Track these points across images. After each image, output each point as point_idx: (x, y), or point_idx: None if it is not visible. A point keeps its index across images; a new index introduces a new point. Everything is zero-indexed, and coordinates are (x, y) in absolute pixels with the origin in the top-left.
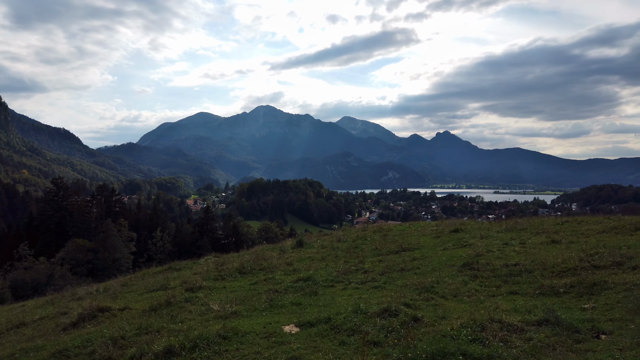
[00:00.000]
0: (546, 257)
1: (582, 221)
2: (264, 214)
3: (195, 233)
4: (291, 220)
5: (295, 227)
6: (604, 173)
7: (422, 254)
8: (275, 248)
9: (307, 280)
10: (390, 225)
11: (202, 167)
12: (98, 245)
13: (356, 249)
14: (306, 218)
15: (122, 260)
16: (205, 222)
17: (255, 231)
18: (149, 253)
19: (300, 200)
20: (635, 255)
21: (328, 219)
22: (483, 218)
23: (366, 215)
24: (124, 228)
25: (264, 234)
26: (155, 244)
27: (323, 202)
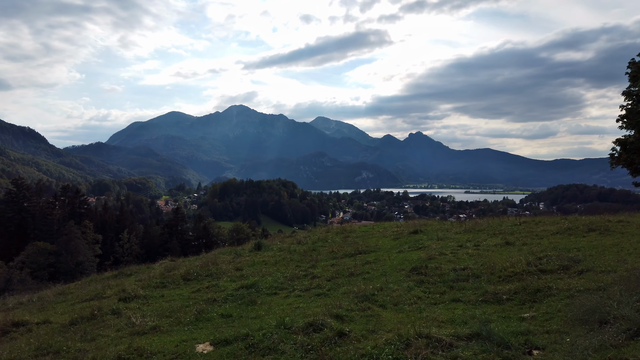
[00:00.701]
0: (496, 261)
1: (540, 222)
2: (237, 214)
3: (164, 235)
4: (265, 220)
5: (269, 227)
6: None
7: (376, 257)
8: (230, 251)
9: (250, 287)
10: (354, 227)
11: (173, 167)
12: (60, 248)
13: (314, 251)
14: (280, 218)
15: (86, 264)
16: (174, 223)
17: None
18: (116, 255)
19: (274, 200)
20: (583, 259)
21: (302, 219)
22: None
23: (340, 216)
24: (89, 230)
25: (235, 235)
26: (122, 246)
27: (297, 202)
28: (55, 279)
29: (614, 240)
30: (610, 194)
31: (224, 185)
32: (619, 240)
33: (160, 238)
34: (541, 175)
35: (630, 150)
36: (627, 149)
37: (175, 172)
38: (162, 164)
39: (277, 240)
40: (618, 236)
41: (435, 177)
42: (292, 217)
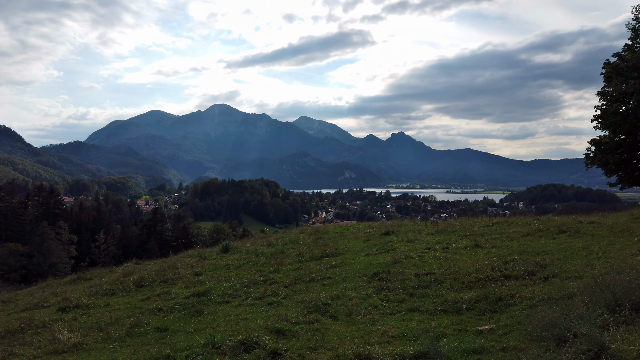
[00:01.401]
0: (462, 265)
1: (512, 222)
2: (219, 214)
3: (142, 235)
4: (247, 220)
5: (251, 227)
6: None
7: (342, 260)
8: (196, 254)
9: (202, 295)
10: (328, 227)
11: (154, 166)
12: (33, 250)
13: (281, 254)
14: (262, 218)
15: (60, 265)
16: (153, 223)
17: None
18: (92, 257)
19: (256, 200)
20: (550, 263)
21: (284, 219)
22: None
23: (322, 215)
24: (64, 231)
25: (215, 235)
26: (98, 247)
27: (279, 202)
28: (27, 281)
29: (584, 242)
30: (587, 193)
31: (205, 185)
32: (589, 242)
33: (138, 239)
34: (520, 175)
35: (604, 151)
36: (602, 149)
37: (156, 172)
38: (143, 164)
39: (247, 242)
40: (588, 238)
41: (417, 177)
42: (275, 217)
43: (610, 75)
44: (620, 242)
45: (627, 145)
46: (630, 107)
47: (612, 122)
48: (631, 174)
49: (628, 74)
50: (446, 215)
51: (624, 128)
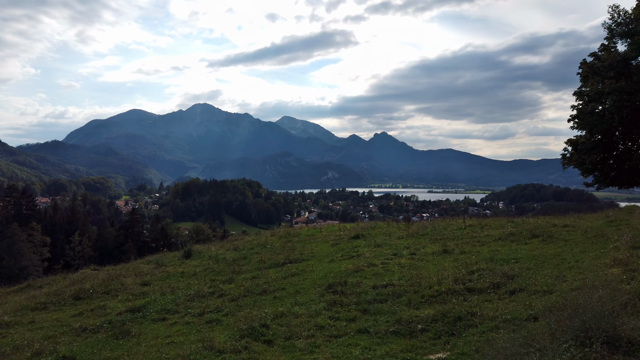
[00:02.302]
0: (425, 275)
1: (486, 225)
2: (200, 215)
3: (120, 236)
4: (229, 221)
5: (233, 227)
6: (527, 173)
7: (304, 268)
8: (153, 261)
9: (137, 310)
10: (301, 230)
11: (134, 166)
12: (2, 252)
13: (243, 260)
14: (244, 218)
15: (31, 268)
16: (130, 224)
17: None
18: (67, 259)
19: (238, 200)
20: (518, 274)
21: (267, 219)
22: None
23: (305, 215)
24: (37, 232)
25: (194, 236)
26: (73, 249)
27: (261, 202)
28: None
29: (556, 249)
30: (565, 193)
31: (186, 185)
32: (562, 249)
33: (114, 240)
34: (501, 175)
35: (581, 151)
36: (579, 149)
37: (137, 172)
38: (123, 163)
39: (214, 246)
40: (561, 244)
41: (399, 177)
42: (257, 217)
43: (586, 75)
44: (593, 250)
45: (603, 146)
46: (606, 107)
47: (589, 122)
48: (607, 175)
49: (604, 73)
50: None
51: (600, 128)
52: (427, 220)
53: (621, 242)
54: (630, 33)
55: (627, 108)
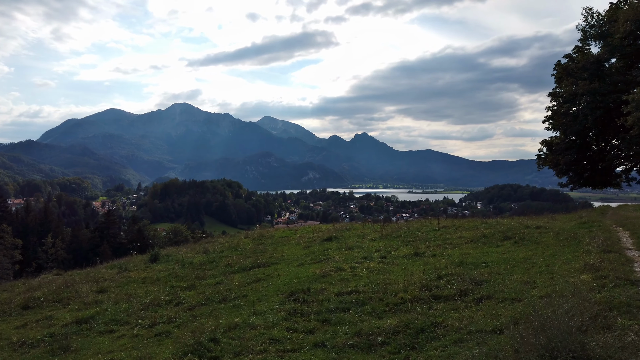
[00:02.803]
0: (393, 280)
1: (460, 226)
2: (179, 216)
3: (94, 238)
4: (209, 222)
5: (213, 228)
6: (505, 173)
7: (270, 273)
8: (117, 265)
9: (85, 321)
10: (275, 231)
11: (112, 166)
12: None
13: (211, 264)
14: (224, 219)
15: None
16: (106, 226)
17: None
18: (39, 262)
19: (218, 201)
20: (487, 279)
21: (247, 220)
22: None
23: (286, 216)
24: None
25: (172, 238)
26: (46, 251)
27: (242, 202)
28: None
29: (527, 252)
30: (541, 193)
31: (165, 185)
32: (533, 252)
33: (89, 242)
34: (479, 175)
35: (556, 152)
36: (553, 150)
37: (114, 172)
38: (100, 164)
39: (184, 248)
40: (533, 247)
41: (380, 177)
42: (237, 217)
43: (561, 77)
44: (565, 253)
45: (577, 147)
46: (580, 109)
47: (563, 123)
48: (581, 175)
49: (578, 75)
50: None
51: (575, 129)
52: (402, 222)
53: (592, 246)
54: (603, 35)
55: (601, 109)
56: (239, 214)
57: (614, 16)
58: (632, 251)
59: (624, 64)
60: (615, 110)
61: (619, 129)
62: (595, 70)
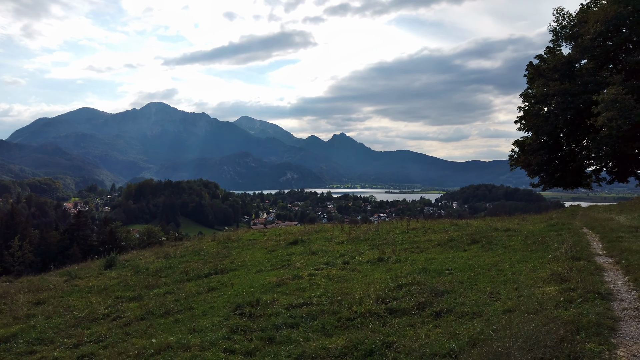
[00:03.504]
0: (351, 290)
1: (430, 228)
2: (155, 217)
3: (64, 240)
4: (185, 222)
5: (189, 229)
6: (480, 174)
7: (225, 281)
8: (65, 273)
9: (6, 341)
10: (244, 234)
11: (85, 167)
12: None
13: (168, 270)
14: (201, 220)
15: None
16: (76, 227)
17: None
18: (5, 265)
19: (194, 202)
20: (449, 289)
21: (224, 221)
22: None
23: (264, 216)
24: None
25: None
26: (12, 254)
27: (219, 203)
28: None
29: (494, 257)
30: (515, 193)
31: (140, 186)
32: (500, 257)
33: (58, 245)
34: (455, 175)
35: (528, 152)
36: (525, 150)
37: (87, 172)
38: (72, 164)
39: (146, 252)
40: (500, 251)
41: (357, 178)
42: (214, 218)
43: (532, 77)
44: (532, 259)
45: (549, 147)
46: (551, 109)
47: (535, 123)
48: (552, 175)
49: (549, 75)
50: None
51: (546, 129)
52: (375, 223)
53: (561, 252)
54: (574, 36)
55: (571, 110)
56: (216, 214)
57: (584, 17)
58: (601, 257)
59: (594, 65)
60: (585, 111)
61: (590, 129)
62: (566, 71)
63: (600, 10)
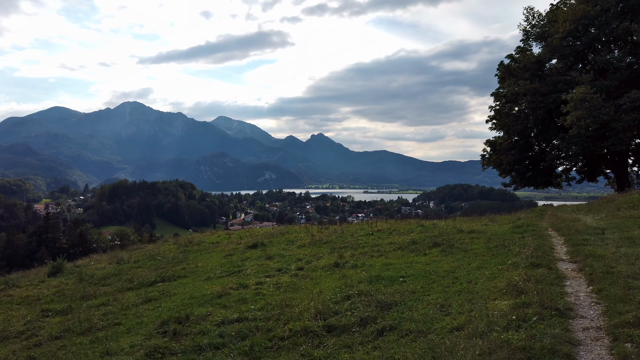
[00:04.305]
0: (295, 302)
1: (395, 230)
2: (129, 218)
3: (32, 243)
4: (160, 224)
5: (165, 231)
6: (456, 174)
7: (168, 290)
8: (4, 281)
9: None
10: (206, 237)
11: (57, 167)
12: None
13: (114, 277)
14: (177, 221)
15: None
16: (44, 230)
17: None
18: None
19: (170, 202)
20: (398, 301)
21: (201, 222)
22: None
23: (241, 217)
24: None
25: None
26: None
27: (195, 204)
28: None
29: (453, 263)
30: (490, 192)
31: (113, 186)
32: (459, 263)
33: (26, 247)
34: (432, 175)
35: (499, 152)
36: (497, 150)
37: (59, 173)
38: (44, 164)
39: (97, 259)
40: (460, 256)
41: (336, 178)
42: (190, 219)
43: (503, 77)
44: (491, 265)
45: (520, 147)
46: (522, 108)
47: (506, 123)
48: (523, 175)
49: (519, 74)
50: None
51: (517, 129)
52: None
53: (521, 257)
54: (543, 35)
55: (541, 109)
56: (192, 215)
57: (554, 17)
58: (564, 263)
59: (564, 65)
60: (555, 110)
61: (560, 129)
62: (536, 70)
63: (570, 9)
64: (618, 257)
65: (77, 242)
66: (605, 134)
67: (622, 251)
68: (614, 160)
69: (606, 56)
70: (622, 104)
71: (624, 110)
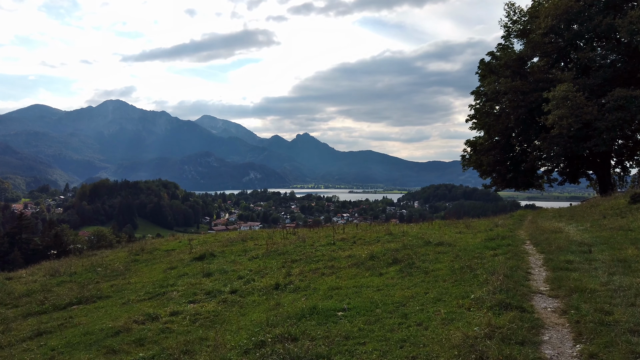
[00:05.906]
0: (198, 347)
1: (360, 239)
2: (110, 218)
3: (4, 245)
4: (143, 224)
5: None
6: (440, 174)
7: (75, 318)
8: None
9: None
10: (162, 244)
11: (37, 166)
12: None
13: (31, 295)
14: (160, 222)
15: None
16: (17, 231)
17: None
18: None
19: (152, 202)
20: (324, 353)
21: (184, 222)
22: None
23: (226, 217)
24: None
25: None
26: None
27: (178, 204)
28: None
29: (409, 289)
30: (473, 192)
31: (95, 186)
32: (415, 290)
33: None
34: (416, 175)
35: (479, 152)
36: (477, 150)
37: (39, 172)
38: (23, 163)
39: (33, 270)
40: (418, 279)
41: (321, 178)
42: (173, 219)
43: (484, 74)
44: (451, 298)
45: (500, 147)
46: (502, 107)
47: (486, 122)
48: (504, 176)
49: (500, 72)
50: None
51: (498, 128)
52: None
53: (488, 288)
54: (525, 32)
55: (522, 108)
56: (175, 215)
57: (536, 12)
58: (543, 298)
59: (546, 62)
60: (537, 109)
61: (541, 128)
62: (517, 68)
63: (552, 4)
64: (612, 294)
65: (52, 243)
66: (588, 134)
67: (617, 282)
68: (596, 162)
69: (589, 53)
70: (605, 102)
71: (608, 109)
